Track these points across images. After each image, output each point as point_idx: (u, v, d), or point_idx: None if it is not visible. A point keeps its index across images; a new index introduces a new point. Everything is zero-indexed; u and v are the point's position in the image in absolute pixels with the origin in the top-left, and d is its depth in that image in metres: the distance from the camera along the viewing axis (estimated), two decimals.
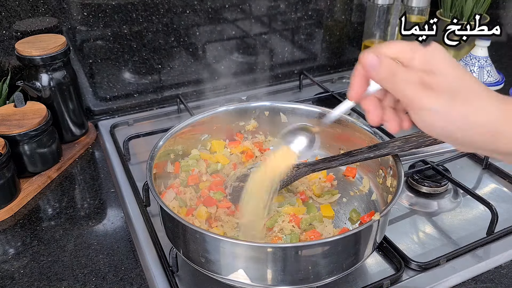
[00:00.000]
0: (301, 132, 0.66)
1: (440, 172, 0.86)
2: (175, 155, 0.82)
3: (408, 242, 0.76)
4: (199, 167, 0.82)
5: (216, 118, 0.86)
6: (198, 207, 0.73)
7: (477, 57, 1.15)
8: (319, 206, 0.77)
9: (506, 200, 0.86)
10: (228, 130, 0.88)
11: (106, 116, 1.14)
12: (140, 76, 1.14)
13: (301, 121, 0.83)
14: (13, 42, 0.95)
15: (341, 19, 1.30)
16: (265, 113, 0.88)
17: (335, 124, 0.82)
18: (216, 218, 0.72)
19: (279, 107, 0.88)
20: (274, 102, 0.89)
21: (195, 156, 0.84)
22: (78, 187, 0.91)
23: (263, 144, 0.90)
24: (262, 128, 0.90)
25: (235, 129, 0.89)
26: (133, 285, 0.68)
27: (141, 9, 1.06)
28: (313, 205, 0.77)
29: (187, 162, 0.82)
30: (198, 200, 0.75)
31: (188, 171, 0.81)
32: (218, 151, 0.86)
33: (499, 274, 0.70)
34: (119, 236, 0.77)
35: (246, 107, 0.89)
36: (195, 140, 0.85)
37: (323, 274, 0.61)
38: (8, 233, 0.78)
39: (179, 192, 0.76)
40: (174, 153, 0.81)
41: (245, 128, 0.89)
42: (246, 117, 0.89)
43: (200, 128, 0.85)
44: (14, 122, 0.86)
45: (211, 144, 0.87)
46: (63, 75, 0.94)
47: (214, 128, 0.87)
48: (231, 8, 1.14)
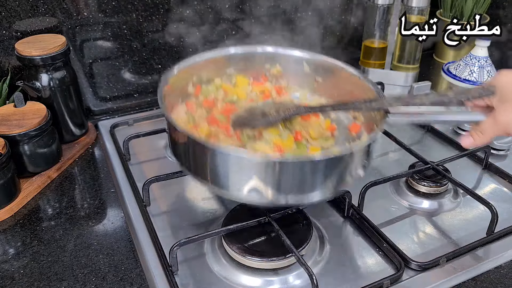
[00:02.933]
0: None
1: (440, 172, 0.86)
2: (198, 79, 0.85)
3: (408, 242, 0.76)
4: (217, 95, 0.85)
5: (244, 56, 0.89)
6: (202, 124, 0.77)
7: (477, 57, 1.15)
8: (310, 148, 0.77)
9: (506, 200, 0.86)
10: (254, 70, 0.91)
11: (106, 116, 1.14)
12: (140, 76, 1.14)
13: (322, 74, 0.89)
14: (13, 42, 0.95)
15: (341, 19, 1.30)
16: (289, 60, 0.90)
17: (341, 79, 0.86)
18: (215, 136, 0.75)
19: (302, 57, 0.89)
20: (299, 50, 0.90)
21: (217, 85, 0.87)
22: (78, 187, 0.91)
23: (284, 89, 0.92)
24: (286, 74, 0.92)
25: (261, 71, 0.91)
26: (133, 285, 0.68)
27: (141, 9, 1.06)
28: (305, 145, 0.77)
29: (208, 88, 0.86)
30: (205, 120, 0.79)
31: (206, 95, 0.85)
32: (242, 87, 0.89)
33: (499, 274, 0.70)
34: (119, 236, 0.77)
35: (273, 52, 0.90)
36: (221, 72, 0.88)
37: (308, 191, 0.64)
38: (8, 233, 0.78)
39: (191, 109, 0.80)
40: (197, 76, 0.85)
41: (270, 71, 0.91)
42: (272, 61, 0.91)
43: (228, 62, 0.88)
44: (14, 122, 0.86)
45: (236, 79, 0.90)
46: (63, 75, 0.94)
47: (241, 64, 0.89)
48: (231, 8, 1.14)
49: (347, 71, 0.84)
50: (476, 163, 0.96)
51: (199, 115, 0.80)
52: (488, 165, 0.94)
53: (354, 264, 0.72)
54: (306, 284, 0.68)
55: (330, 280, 0.69)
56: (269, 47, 0.90)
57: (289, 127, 0.80)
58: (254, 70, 0.91)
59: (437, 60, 1.45)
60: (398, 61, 1.29)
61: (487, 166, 0.94)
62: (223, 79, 0.89)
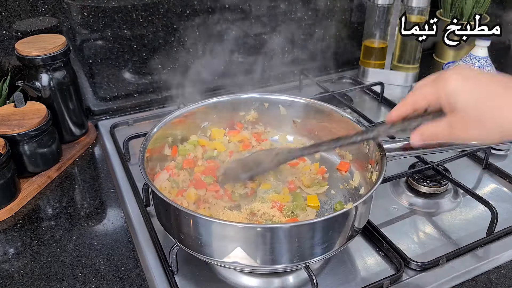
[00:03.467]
0: None
1: (440, 172, 0.86)
2: (174, 139, 0.84)
3: (408, 242, 0.76)
4: (196, 152, 0.85)
5: (216, 107, 0.88)
6: (188, 189, 0.75)
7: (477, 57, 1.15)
8: (306, 197, 0.78)
9: (506, 200, 0.86)
10: (229, 119, 0.90)
11: (106, 116, 1.14)
12: (140, 76, 1.14)
13: (299, 115, 0.88)
14: (13, 42, 0.95)
15: (341, 19, 1.30)
16: (264, 104, 0.90)
17: (320, 115, 0.86)
18: (205, 200, 0.74)
19: (277, 100, 0.89)
20: (273, 94, 0.91)
21: (193, 142, 0.86)
22: (78, 187, 0.91)
23: (262, 135, 0.92)
24: (262, 119, 0.91)
25: (236, 119, 0.91)
26: (133, 285, 0.68)
27: (141, 9, 1.06)
28: (300, 194, 0.78)
29: (185, 147, 0.85)
30: (190, 183, 0.78)
31: (184, 155, 0.84)
32: (217, 139, 0.88)
33: (499, 274, 0.70)
34: (119, 236, 0.77)
35: (246, 98, 0.90)
36: (196, 127, 0.88)
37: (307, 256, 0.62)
38: (8, 233, 0.78)
39: (173, 174, 0.79)
40: (172, 137, 0.83)
41: (245, 118, 0.91)
42: (246, 108, 0.90)
43: (201, 116, 0.87)
44: (14, 122, 0.86)
45: (211, 132, 0.89)
46: (63, 75, 0.94)
47: (215, 116, 0.89)
48: (231, 8, 1.14)
49: (326, 109, 0.84)
50: (476, 163, 0.96)
51: (182, 179, 0.78)
52: (488, 165, 0.94)
53: (354, 264, 0.72)
54: (306, 284, 0.68)
55: (330, 280, 0.69)
56: (242, 95, 0.90)
57: (280, 178, 0.80)
58: (229, 119, 0.90)
59: (437, 60, 1.45)
60: (398, 61, 1.29)
61: (487, 166, 0.94)
62: (198, 134, 0.88)
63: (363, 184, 0.79)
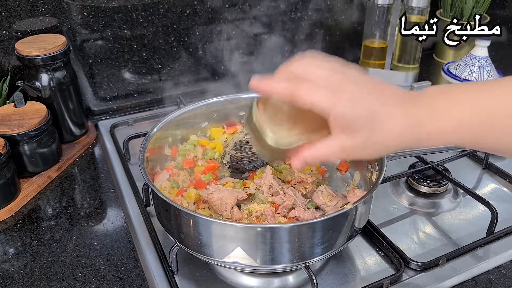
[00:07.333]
0: None
1: (440, 172, 0.86)
2: (174, 139, 0.84)
3: (408, 242, 0.76)
4: (196, 153, 0.85)
5: (216, 107, 0.88)
6: (188, 189, 0.75)
7: (477, 57, 1.15)
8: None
9: (506, 200, 0.86)
10: (228, 119, 0.90)
11: (106, 116, 1.14)
12: (140, 76, 1.14)
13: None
14: (13, 42, 0.95)
15: (341, 19, 1.30)
16: None
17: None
18: (205, 201, 0.74)
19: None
20: None
21: (193, 142, 0.86)
22: (78, 187, 0.91)
23: None
24: None
25: (236, 119, 0.91)
26: (133, 285, 0.68)
27: (141, 9, 1.06)
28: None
29: (185, 147, 0.85)
30: (190, 183, 0.78)
31: (184, 155, 0.84)
32: (217, 138, 0.88)
33: (499, 274, 0.70)
34: (119, 236, 0.77)
35: (246, 98, 0.89)
36: (196, 127, 0.88)
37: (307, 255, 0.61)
38: (8, 233, 0.78)
39: (173, 174, 0.79)
40: (172, 137, 0.83)
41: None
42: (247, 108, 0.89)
43: (201, 116, 0.87)
44: (14, 122, 0.86)
45: (210, 132, 0.89)
46: (63, 75, 0.94)
47: (215, 116, 0.89)
48: (231, 8, 1.14)
49: None
50: (476, 163, 0.96)
51: (182, 179, 0.78)
52: (488, 165, 0.94)
53: (354, 264, 0.72)
54: (306, 284, 0.68)
55: (330, 280, 0.69)
56: (242, 95, 0.89)
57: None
58: (229, 119, 0.90)
59: (437, 60, 1.45)
60: (398, 61, 1.29)
61: (487, 166, 0.94)
62: (198, 135, 0.88)
63: (363, 184, 0.79)
